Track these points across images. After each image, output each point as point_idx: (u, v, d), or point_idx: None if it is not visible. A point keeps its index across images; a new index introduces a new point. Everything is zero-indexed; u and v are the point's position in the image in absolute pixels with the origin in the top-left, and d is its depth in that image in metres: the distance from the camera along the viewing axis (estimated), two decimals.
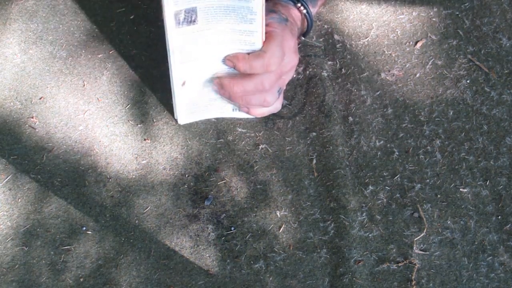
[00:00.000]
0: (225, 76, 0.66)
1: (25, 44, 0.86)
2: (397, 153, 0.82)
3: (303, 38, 0.77)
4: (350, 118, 0.83)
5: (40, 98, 0.84)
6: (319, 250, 0.80)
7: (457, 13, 0.86)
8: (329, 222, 0.81)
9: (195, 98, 0.74)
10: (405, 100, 0.83)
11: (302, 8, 0.64)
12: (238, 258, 0.80)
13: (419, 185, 0.82)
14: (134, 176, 0.82)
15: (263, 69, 0.57)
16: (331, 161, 0.82)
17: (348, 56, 0.85)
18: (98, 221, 0.81)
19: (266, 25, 0.59)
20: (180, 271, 0.80)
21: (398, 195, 0.82)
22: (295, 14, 0.64)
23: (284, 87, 0.71)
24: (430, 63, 0.84)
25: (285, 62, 0.58)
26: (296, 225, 0.81)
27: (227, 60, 0.62)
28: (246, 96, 0.64)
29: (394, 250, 0.80)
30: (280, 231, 0.81)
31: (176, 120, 0.80)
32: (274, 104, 0.69)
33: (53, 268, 0.81)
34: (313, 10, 0.70)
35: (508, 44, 0.84)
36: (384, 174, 0.82)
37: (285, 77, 0.65)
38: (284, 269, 0.80)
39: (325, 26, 0.86)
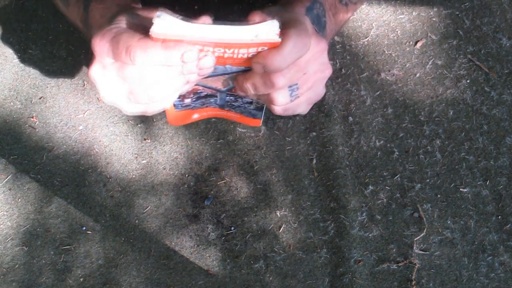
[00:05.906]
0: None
1: (25, 44, 0.86)
2: (397, 153, 0.82)
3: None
4: (350, 118, 0.83)
5: (40, 98, 0.84)
6: (319, 250, 0.80)
7: (457, 13, 0.85)
8: (329, 222, 0.81)
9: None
10: (405, 100, 0.83)
11: None
12: (238, 258, 0.80)
13: (419, 185, 0.82)
14: (134, 176, 0.82)
15: (282, 63, 0.43)
16: (331, 161, 0.82)
17: (348, 56, 0.85)
18: (98, 221, 0.81)
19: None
20: (180, 271, 0.80)
21: (398, 195, 0.81)
22: None
23: (305, 87, 0.49)
24: (430, 63, 0.84)
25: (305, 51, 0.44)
26: (296, 225, 0.81)
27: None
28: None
29: (394, 250, 0.80)
30: (280, 231, 0.81)
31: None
32: (290, 107, 0.51)
33: (53, 268, 0.80)
34: None
35: (508, 44, 0.84)
36: (384, 174, 0.82)
37: (305, 72, 0.47)
38: (284, 269, 0.80)
39: None
